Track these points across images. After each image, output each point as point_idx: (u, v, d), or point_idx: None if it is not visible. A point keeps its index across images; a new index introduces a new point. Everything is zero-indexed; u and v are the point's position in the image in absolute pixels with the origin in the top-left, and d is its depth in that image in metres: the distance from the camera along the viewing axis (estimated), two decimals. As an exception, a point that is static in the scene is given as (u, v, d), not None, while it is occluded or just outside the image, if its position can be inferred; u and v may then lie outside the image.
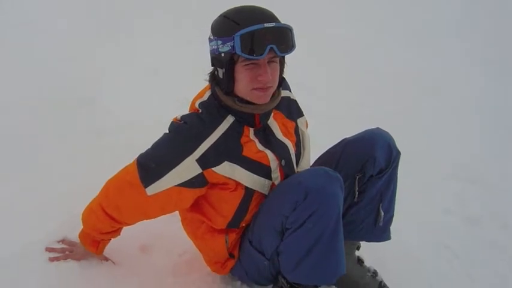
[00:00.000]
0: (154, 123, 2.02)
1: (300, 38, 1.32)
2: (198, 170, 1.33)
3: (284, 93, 1.50)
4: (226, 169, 1.35)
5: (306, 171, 1.44)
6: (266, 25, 1.22)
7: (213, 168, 1.34)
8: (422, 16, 5.25)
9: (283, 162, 1.42)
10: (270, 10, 1.29)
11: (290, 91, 1.58)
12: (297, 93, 1.61)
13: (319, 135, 1.82)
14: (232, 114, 1.37)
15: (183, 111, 1.43)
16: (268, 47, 1.22)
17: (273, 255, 1.42)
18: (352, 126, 1.75)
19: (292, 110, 1.54)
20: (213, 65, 1.36)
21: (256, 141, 1.39)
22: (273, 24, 1.23)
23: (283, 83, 1.44)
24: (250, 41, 1.22)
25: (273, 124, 1.44)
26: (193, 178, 1.34)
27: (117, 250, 1.63)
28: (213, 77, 1.37)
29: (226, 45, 1.25)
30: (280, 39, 1.25)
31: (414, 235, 2.04)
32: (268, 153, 1.40)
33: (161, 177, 1.34)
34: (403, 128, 2.25)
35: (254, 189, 1.40)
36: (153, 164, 1.35)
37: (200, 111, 1.38)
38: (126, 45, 3.65)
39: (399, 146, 1.55)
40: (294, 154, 1.47)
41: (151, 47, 3.67)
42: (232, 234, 1.49)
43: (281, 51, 1.25)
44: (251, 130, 1.39)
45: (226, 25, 1.27)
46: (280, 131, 1.45)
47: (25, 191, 1.87)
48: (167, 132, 1.39)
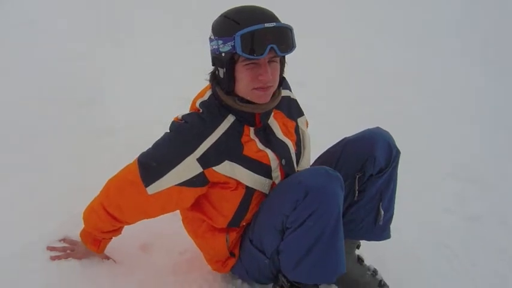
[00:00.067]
0: (154, 123, 2.04)
1: (300, 38, 1.33)
2: (198, 169, 1.34)
3: (284, 93, 1.50)
4: (227, 168, 1.35)
5: (306, 170, 1.45)
6: (266, 25, 1.23)
7: (213, 168, 1.35)
8: (422, 16, 5.26)
9: (284, 161, 1.43)
10: (270, 10, 1.30)
11: (290, 91, 1.58)
12: (297, 92, 1.62)
13: (319, 134, 1.82)
14: (232, 113, 1.37)
15: (182, 111, 1.43)
16: (269, 46, 1.23)
17: (273, 254, 1.42)
18: (352, 125, 1.76)
19: (292, 109, 1.54)
20: (213, 64, 1.36)
21: (256, 141, 1.40)
22: (273, 24, 1.24)
23: (283, 83, 1.44)
24: (251, 41, 1.22)
25: (274, 123, 1.45)
26: (194, 177, 1.35)
27: (118, 249, 1.63)
28: (214, 77, 1.38)
29: (226, 45, 1.26)
30: (281, 39, 1.26)
31: (414, 234, 2.04)
32: (268, 152, 1.40)
33: (162, 177, 1.34)
34: (403, 127, 2.25)
35: (255, 188, 1.40)
36: (154, 163, 1.36)
37: (201, 111, 1.38)
38: (126, 45, 3.65)
39: (399, 145, 1.55)
40: (294, 153, 1.47)
41: (151, 47, 3.67)
42: (233, 233, 1.49)
43: (281, 51, 1.25)
44: (251, 129, 1.40)
45: (226, 25, 1.27)
46: (280, 131, 1.45)
47: (25, 191, 1.87)
48: (168, 131, 1.40)
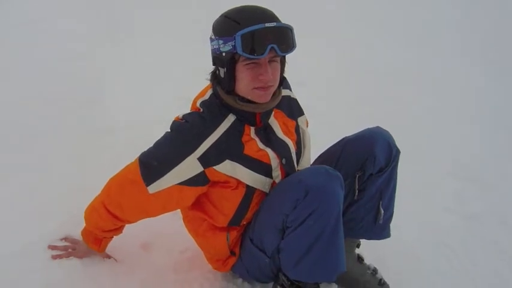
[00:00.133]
0: (154, 123, 2.04)
1: (300, 37, 1.33)
2: (199, 168, 1.34)
3: (285, 92, 1.50)
4: (228, 167, 1.36)
5: (306, 169, 1.45)
6: (267, 25, 1.23)
7: (214, 167, 1.35)
8: (422, 16, 5.25)
9: (284, 160, 1.43)
10: (270, 10, 1.30)
11: (291, 90, 1.58)
12: (297, 92, 1.62)
13: (319, 134, 1.82)
14: (233, 113, 1.37)
15: (182, 111, 1.43)
16: (269, 46, 1.23)
17: (273, 253, 1.43)
18: (352, 125, 1.76)
19: (292, 108, 1.55)
20: (214, 64, 1.37)
21: (257, 140, 1.40)
22: (273, 24, 1.24)
23: (283, 82, 1.45)
24: (251, 41, 1.23)
25: (274, 123, 1.45)
26: (195, 176, 1.35)
27: (119, 248, 1.64)
28: (215, 76, 1.38)
29: (227, 44, 1.26)
30: (281, 38, 1.26)
31: (414, 233, 2.05)
32: (269, 151, 1.41)
33: (163, 176, 1.34)
34: (403, 127, 2.25)
35: (255, 187, 1.40)
36: (155, 162, 1.36)
37: (201, 110, 1.38)
38: (126, 45, 3.65)
39: (399, 145, 1.55)
40: (294, 153, 1.48)
41: (151, 47, 3.67)
42: (234, 232, 1.50)
43: (282, 50, 1.26)
44: (252, 129, 1.40)
45: (227, 25, 1.28)
46: (280, 130, 1.46)
47: (25, 191, 1.87)
48: (169, 131, 1.40)
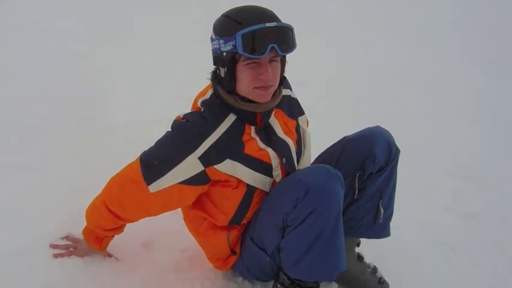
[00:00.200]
0: (154, 123, 2.04)
1: (300, 37, 1.33)
2: (200, 167, 1.35)
3: (285, 92, 1.51)
4: (228, 167, 1.36)
5: (306, 168, 1.46)
6: (267, 25, 1.24)
7: (215, 166, 1.35)
8: (422, 16, 5.25)
9: (284, 160, 1.44)
10: (271, 10, 1.31)
11: (291, 90, 1.59)
12: (297, 92, 1.62)
13: (319, 134, 1.82)
14: (234, 112, 1.38)
15: (183, 111, 1.44)
16: (270, 46, 1.24)
17: (274, 251, 1.43)
18: (352, 125, 1.76)
19: (293, 108, 1.55)
20: (215, 64, 1.37)
21: (257, 139, 1.41)
22: (274, 24, 1.25)
23: (284, 82, 1.45)
24: (252, 41, 1.23)
25: (274, 122, 1.46)
26: (196, 176, 1.35)
27: (120, 247, 1.64)
28: (215, 76, 1.39)
29: (228, 44, 1.26)
30: (281, 38, 1.27)
31: (414, 232, 2.05)
32: (269, 151, 1.41)
33: (164, 175, 1.35)
34: (403, 127, 2.26)
35: (255, 186, 1.41)
36: (155, 161, 1.37)
37: (202, 110, 1.39)
38: (126, 45, 3.65)
39: (399, 144, 1.56)
40: (294, 152, 1.48)
41: (151, 47, 3.67)
42: (234, 231, 1.50)
43: (282, 50, 1.26)
44: (252, 128, 1.41)
45: (228, 25, 1.28)
46: (281, 129, 1.46)
47: (25, 191, 1.87)
48: (170, 130, 1.41)
